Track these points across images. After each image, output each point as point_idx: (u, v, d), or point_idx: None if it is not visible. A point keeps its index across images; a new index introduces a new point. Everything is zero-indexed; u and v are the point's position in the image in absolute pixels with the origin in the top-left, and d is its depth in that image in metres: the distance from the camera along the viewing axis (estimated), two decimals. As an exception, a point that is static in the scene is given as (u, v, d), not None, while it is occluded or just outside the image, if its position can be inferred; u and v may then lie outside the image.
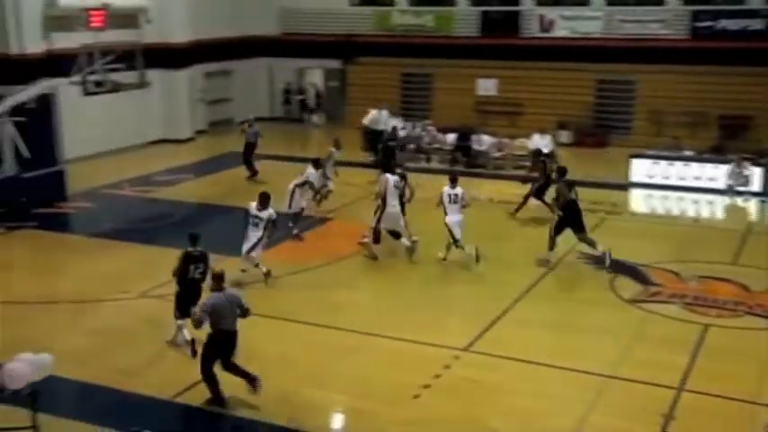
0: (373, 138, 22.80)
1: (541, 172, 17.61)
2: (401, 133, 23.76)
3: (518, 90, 26.17)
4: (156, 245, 15.96)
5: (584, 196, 19.02)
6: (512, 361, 10.76)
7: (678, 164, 20.53)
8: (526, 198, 17.77)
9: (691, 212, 19.02)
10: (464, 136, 22.82)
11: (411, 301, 12.90)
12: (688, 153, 21.09)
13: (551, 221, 15.03)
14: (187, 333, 10.84)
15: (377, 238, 14.95)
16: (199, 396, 9.74)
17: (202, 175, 21.77)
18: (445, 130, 23.83)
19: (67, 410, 9.54)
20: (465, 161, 22.66)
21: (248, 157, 21.35)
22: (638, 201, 20.11)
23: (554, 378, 10.36)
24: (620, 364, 10.70)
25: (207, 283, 10.65)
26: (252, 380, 9.63)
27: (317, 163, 16.81)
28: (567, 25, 26.48)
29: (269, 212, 13.34)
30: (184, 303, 10.86)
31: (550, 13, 26.66)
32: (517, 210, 17.69)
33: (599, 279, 13.99)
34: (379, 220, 14.79)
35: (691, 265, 14.46)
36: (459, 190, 14.75)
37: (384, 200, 14.74)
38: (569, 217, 14.46)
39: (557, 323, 12.16)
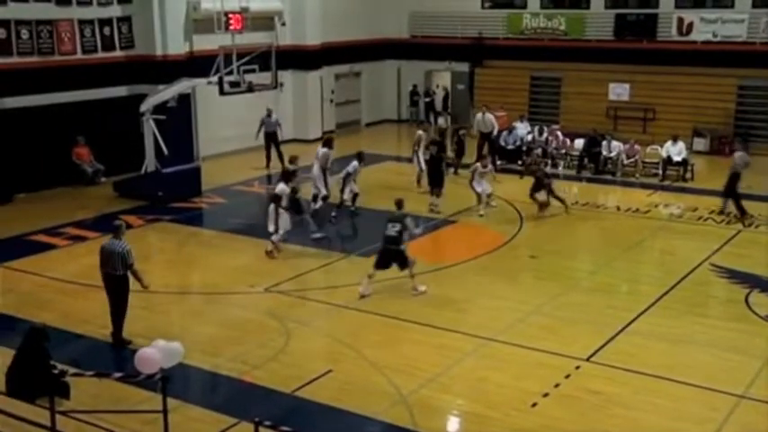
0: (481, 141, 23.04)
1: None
2: (528, 138, 23.44)
3: (652, 95, 25.29)
4: (282, 241, 16.43)
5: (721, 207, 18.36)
6: (635, 374, 10.39)
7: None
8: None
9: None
10: (593, 141, 22.24)
11: (534, 307, 12.67)
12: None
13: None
14: None
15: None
16: (318, 391, 9.94)
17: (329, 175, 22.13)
18: (574, 135, 23.33)
19: (194, 397, 9.93)
20: (593, 167, 22.08)
21: (274, 146, 22.36)
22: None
23: (679, 394, 9.92)
24: (753, 383, 10.14)
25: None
26: (117, 337, 11.24)
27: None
28: (707, 28, 25.32)
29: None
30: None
31: (690, 15, 25.59)
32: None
33: (733, 293, 13.32)
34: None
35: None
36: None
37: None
38: (432, 173, 18.06)
39: (685, 337, 11.64)
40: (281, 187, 15.38)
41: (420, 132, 20.74)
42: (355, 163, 17.67)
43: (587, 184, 21.30)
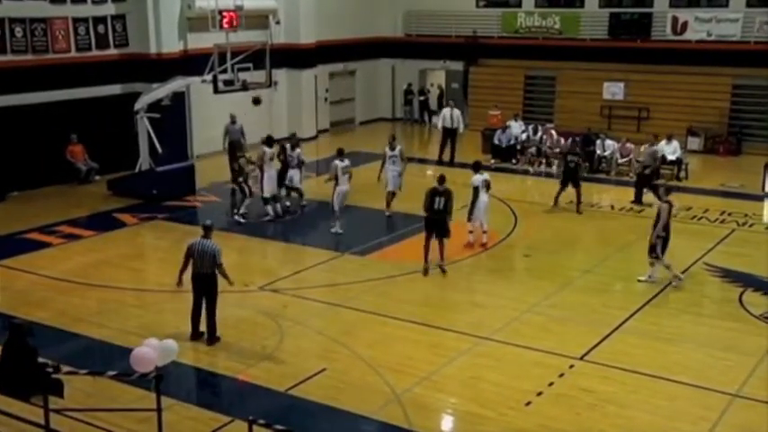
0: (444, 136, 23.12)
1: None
2: (523, 136, 23.44)
3: (646, 94, 25.31)
4: (278, 240, 16.46)
5: (715, 205, 18.42)
6: (629, 373, 10.42)
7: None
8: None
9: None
10: (587, 140, 22.26)
11: (528, 306, 12.69)
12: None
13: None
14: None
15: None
16: (312, 390, 9.94)
17: (324, 174, 22.14)
18: (568, 134, 23.33)
19: (189, 395, 9.94)
20: (587, 166, 22.10)
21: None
22: (773, 212, 19.04)
23: (673, 393, 9.96)
24: (747, 382, 10.18)
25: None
26: (211, 337, 11.21)
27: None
28: (702, 27, 25.37)
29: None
30: None
31: (685, 14, 25.63)
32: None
33: (727, 293, 13.37)
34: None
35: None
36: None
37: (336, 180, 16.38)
38: None
39: (679, 336, 11.67)
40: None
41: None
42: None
43: (583, 182, 21.25)
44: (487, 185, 15.71)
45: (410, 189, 17.81)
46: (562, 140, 23.20)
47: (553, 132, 23.30)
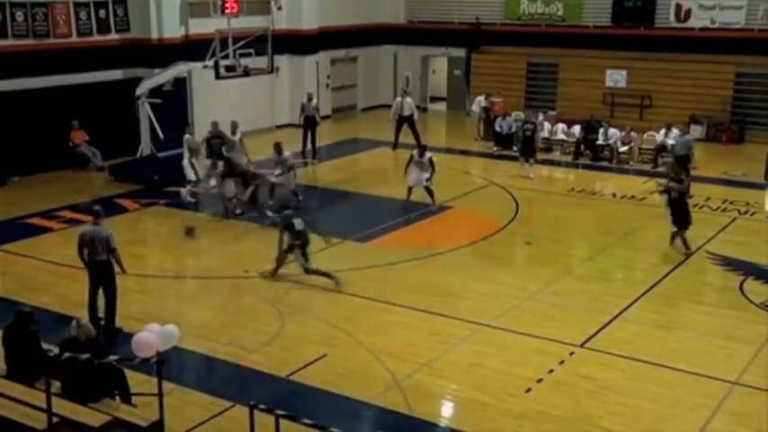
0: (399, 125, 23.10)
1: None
2: (515, 125, 23.29)
3: (649, 82, 25.20)
4: (277, 227, 16.41)
5: (717, 194, 18.38)
6: (629, 360, 10.44)
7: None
8: None
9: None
10: (590, 128, 22.21)
11: (529, 293, 12.69)
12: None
13: None
14: None
15: None
16: (313, 376, 9.97)
17: (325, 161, 22.16)
18: (571, 122, 23.30)
19: (190, 381, 9.95)
20: (589, 154, 22.07)
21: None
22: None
23: (673, 381, 9.97)
24: (747, 370, 10.19)
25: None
26: (110, 327, 10.97)
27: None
28: (706, 15, 25.25)
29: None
30: None
31: (688, 1, 25.48)
32: None
33: (728, 281, 13.36)
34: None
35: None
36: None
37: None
38: None
39: (679, 325, 11.70)
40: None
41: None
42: None
43: (584, 170, 21.29)
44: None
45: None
46: (565, 127, 23.15)
47: (551, 119, 23.18)
